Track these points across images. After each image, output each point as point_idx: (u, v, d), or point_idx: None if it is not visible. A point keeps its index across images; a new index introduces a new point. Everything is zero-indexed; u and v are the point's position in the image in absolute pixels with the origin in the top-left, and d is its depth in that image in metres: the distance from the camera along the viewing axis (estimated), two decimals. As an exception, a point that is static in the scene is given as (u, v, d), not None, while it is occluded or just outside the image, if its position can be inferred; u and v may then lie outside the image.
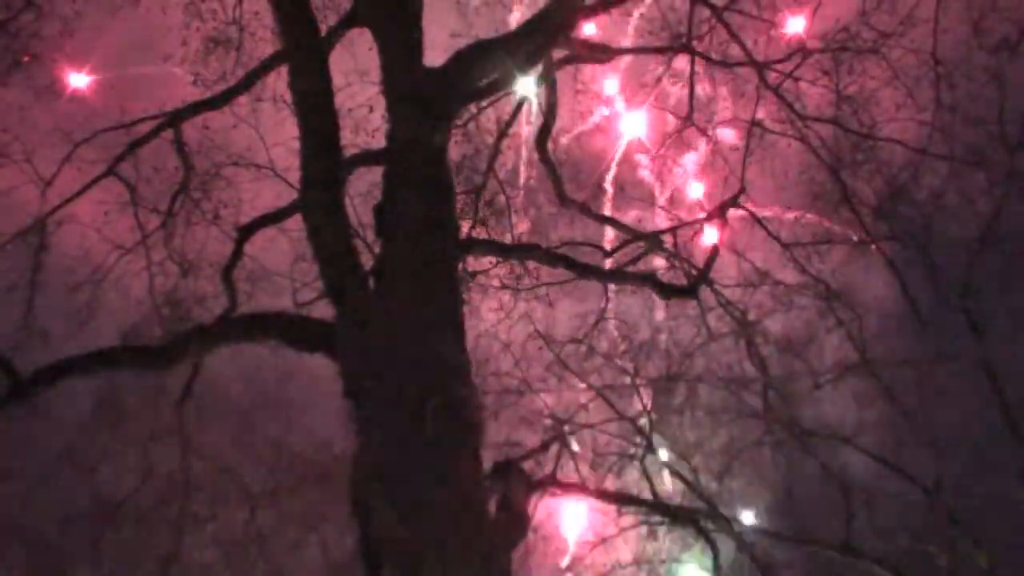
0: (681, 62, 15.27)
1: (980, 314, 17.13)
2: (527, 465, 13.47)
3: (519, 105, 14.10)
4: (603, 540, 16.43)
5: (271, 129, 14.84)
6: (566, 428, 15.29)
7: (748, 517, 17.94)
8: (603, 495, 15.39)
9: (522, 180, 15.01)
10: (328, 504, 18.79)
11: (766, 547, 16.74)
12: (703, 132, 15.11)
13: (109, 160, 14.82)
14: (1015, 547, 16.76)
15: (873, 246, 17.18)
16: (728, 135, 15.51)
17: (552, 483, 14.00)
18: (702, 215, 14.60)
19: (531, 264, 14.62)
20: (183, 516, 18.30)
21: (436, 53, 11.50)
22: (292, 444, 19.93)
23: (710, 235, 14.14)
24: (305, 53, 10.63)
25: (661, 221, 15.14)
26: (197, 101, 14.33)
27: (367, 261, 11.05)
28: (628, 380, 15.99)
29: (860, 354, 16.48)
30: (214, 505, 19.65)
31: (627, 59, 16.38)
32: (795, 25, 14.53)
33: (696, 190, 16.71)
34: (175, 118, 14.45)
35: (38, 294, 15.07)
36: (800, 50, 14.27)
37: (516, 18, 15.09)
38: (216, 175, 15.72)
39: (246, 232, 13.68)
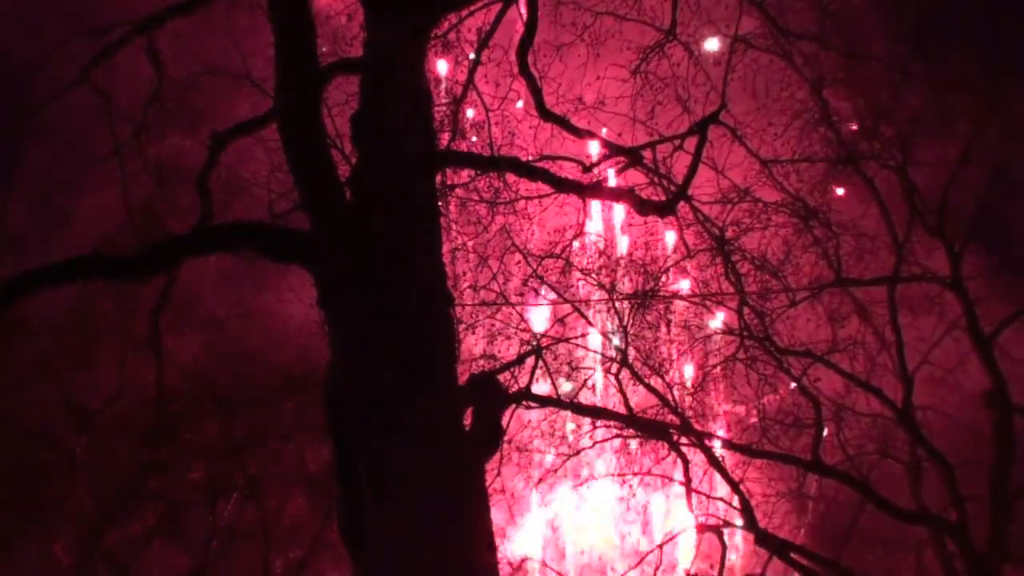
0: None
1: (955, 234, 17.26)
2: (502, 378, 13.52)
3: (500, 15, 13.85)
4: (576, 452, 16.62)
5: (246, 37, 14.56)
6: (542, 342, 15.32)
7: (720, 432, 18.21)
8: (577, 408, 15.51)
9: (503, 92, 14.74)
10: (304, 414, 18.87)
11: (737, 461, 17.01)
12: (685, 46, 14.89)
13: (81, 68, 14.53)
14: (978, 465, 17.08)
15: (852, 165, 17.19)
16: (710, 50, 15.32)
17: (527, 396, 14.10)
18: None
19: (510, 177, 14.49)
20: (158, 427, 18.38)
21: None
22: (268, 354, 19.92)
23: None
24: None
25: (640, 136, 14.93)
26: (169, 7, 13.99)
27: (344, 172, 10.93)
28: (604, 295, 16.01)
29: (836, 273, 16.57)
30: (190, 416, 19.74)
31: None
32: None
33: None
34: (147, 25, 14.12)
35: (10, 201, 14.89)
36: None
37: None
38: (191, 84, 15.45)
39: (221, 141, 13.45)
